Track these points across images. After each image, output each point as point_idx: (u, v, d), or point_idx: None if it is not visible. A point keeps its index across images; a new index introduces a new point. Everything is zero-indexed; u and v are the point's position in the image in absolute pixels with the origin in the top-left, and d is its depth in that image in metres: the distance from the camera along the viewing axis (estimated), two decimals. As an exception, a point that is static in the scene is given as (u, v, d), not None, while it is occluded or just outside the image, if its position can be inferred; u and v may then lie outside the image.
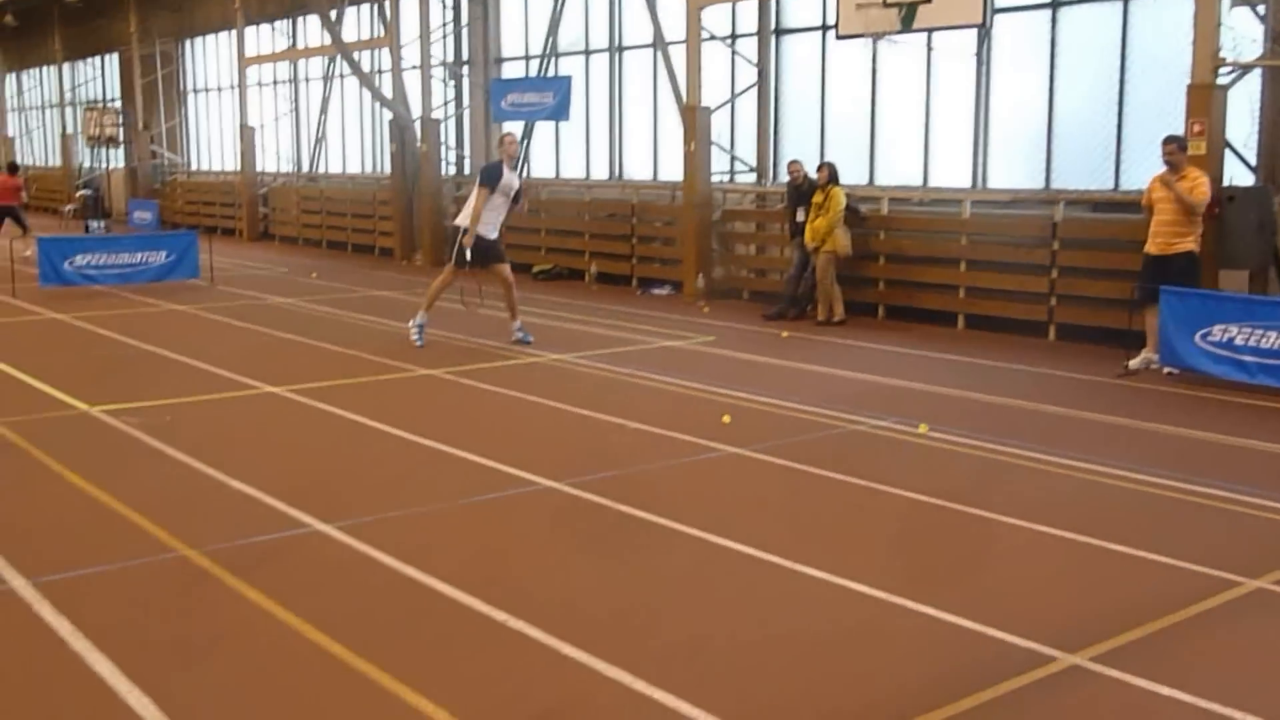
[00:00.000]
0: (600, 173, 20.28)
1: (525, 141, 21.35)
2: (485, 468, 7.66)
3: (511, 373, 11.10)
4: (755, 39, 17.10)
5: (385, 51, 23.05)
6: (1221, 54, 11.31)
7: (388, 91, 22.49)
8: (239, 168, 28.26)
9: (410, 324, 12.40)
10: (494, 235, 12.31)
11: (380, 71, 24.24)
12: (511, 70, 21.92)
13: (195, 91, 32.80)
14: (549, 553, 6.15)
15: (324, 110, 26.95)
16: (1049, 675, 4.63)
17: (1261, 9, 11.44)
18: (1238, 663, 4.82)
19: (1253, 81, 11.69)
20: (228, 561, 5.83)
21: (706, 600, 5.48)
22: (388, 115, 22.67)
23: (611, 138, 19.99)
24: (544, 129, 21.07)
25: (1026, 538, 6.40)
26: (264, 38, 28.40)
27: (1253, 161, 11.79)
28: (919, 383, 10.66)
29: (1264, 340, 10.10)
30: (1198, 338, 10.50)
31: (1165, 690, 4.48)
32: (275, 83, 28.91)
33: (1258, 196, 11.32)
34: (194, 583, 5.61)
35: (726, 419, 9.01)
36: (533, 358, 11.80)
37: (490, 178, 12.08)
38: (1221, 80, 11.39)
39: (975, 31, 13.85)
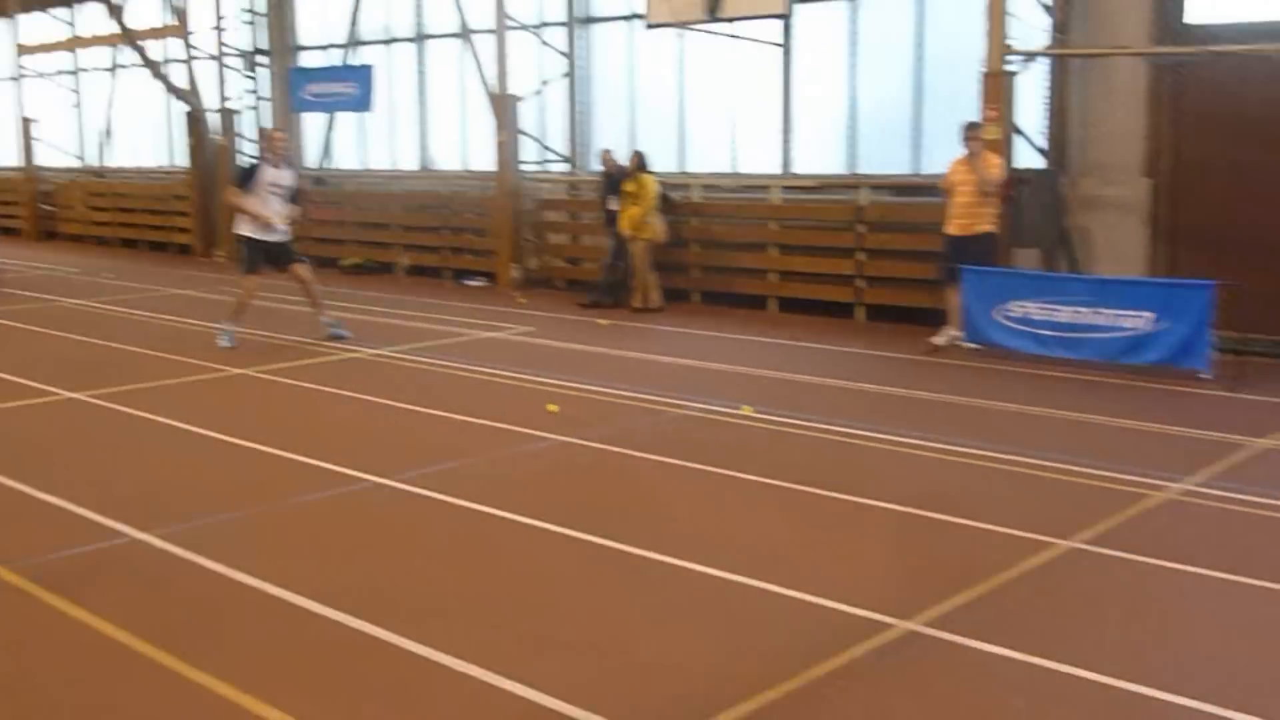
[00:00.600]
0: (408, 163, 19.95)
1: (328, 133, 20.84)
2: (310, 467, 7.46)
3: (329, 369, 10.83)
4: (563, 28, 17.08)
5: (176, 40, 22.10)
6: (1012, 43, 11.85)
7: (180, 82, 21.59)
8: (19, 163, 26.69)
9: (216, 327, 11.98)
10: (280, 236, 12.00)
11: (171, 61, 23.26)
12: (311, 60, 21.34)
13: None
14: (384, 550, 6.03)
15: (110, 102, 25.69)
16: (888, 642, 4.78)
17: (1048, 1, 12.03)
18: (1058, 618, 5.08)
19: (1041, 70, 12.28)
20: (44, 578, 5.51)
21: (549, 588, 5.47)
22: (183, 107, 21.77)
23: (419, 128, 19.68)
24: (349, 119, 20.59)
25: (853, 511, 6.60)
26: (42, 25, 26.87)
27: (1042, 146, 12.40)
28: (738, 365, 10.87)
29: (1057, 315, 10.66)
30: (997, 314, 11.01)
31: (995, 649, 4.69)
32: (56, 73, 27.40)
33: (1048, 179, 11.93)
34: (10, 603, 5.29)
35: (553, 408, 9.00)
36: (350, 353, 11.54)
37: (242, 178, 11.85)
38: (1012, 68, 11.95)
39: (780, 21, 14.14)
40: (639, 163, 14.26)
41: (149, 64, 21.95)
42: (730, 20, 13.78)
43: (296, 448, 7.84)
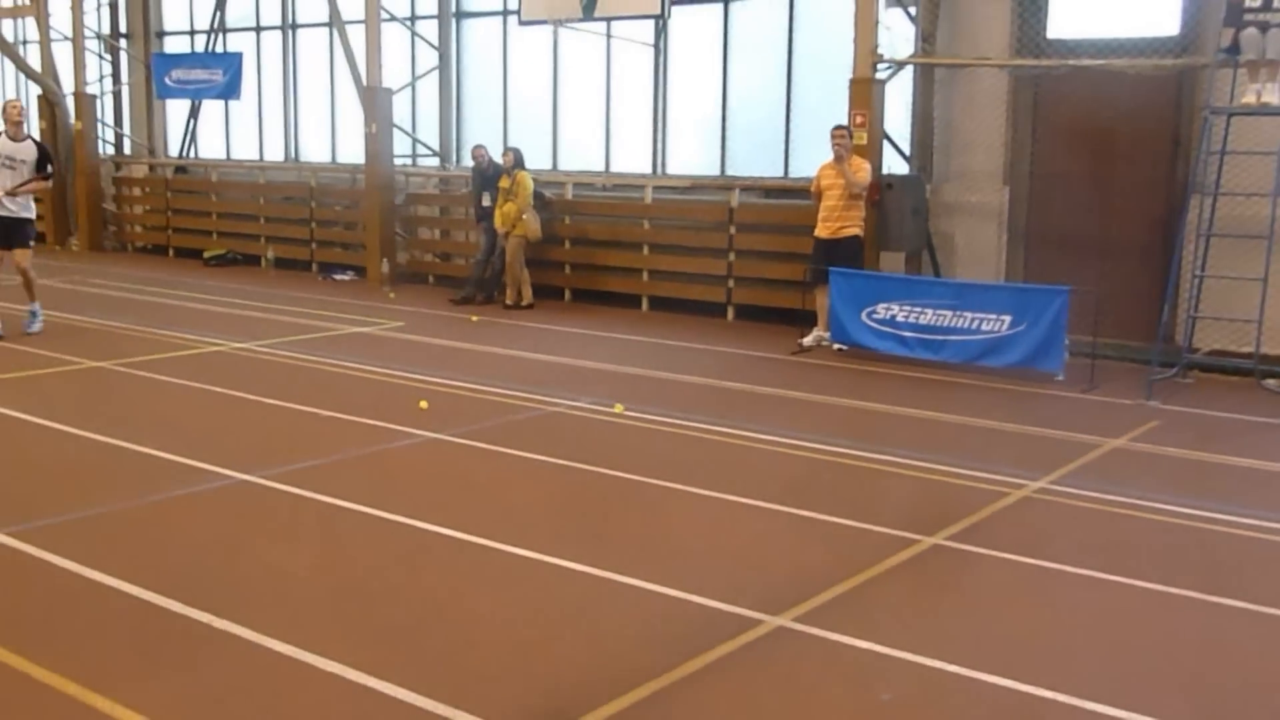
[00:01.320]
0: (275, 154, 19.51)
1: (192, 120, 20.28)
2: (170, 463, 7.25)
3: (191, 362, 10.53)
4: (436, 21, 16.91)
5: (31, 21, 21.26)
6: (879, 51, 12.11)
7: (35, 64, 20.76)
8: None
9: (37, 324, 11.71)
10: (11, 211, 11.46)
11: (26, 42, 22.36)
12: (175, 45, 20.73)
13: None
14: (247, 547, 5.89)
15: (-42, 82, 24.59)
16: (758, 638, 4.85)
17: (913, 10, 12.34)
18: (924, 613, 5.21)
19: (906, 77, 12.58)
20: (-120, 577, 5.26)
21: (416, 585, 5.41)
22: (36, 90, 20.93)
23: (286, 118, 19.27)
24: (213, 108, 20.05)
25: (723, 508, 6.67)
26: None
27: (908, 152, 12.71)
28: (609, 364, 10.89)
29: (921, 317, 10.94)
30: (864, 316, 11.24)
31: (862, 644, 4.79)
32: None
33: (913, 184, 12.22)
34: None
35: (423, 404, 8.90)
36: (214, 346, 11.24)
37: None
38: (880, 75, 12.21)
39: (654, 21, 14.22)
40: (515, 159, 14.19)
41: (2, 45, 21.04)
42: (605, 19, 13.80)
43: (156, 443, 7.61)
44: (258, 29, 19.36)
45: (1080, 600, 5.43)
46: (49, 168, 11.73)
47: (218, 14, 19.56)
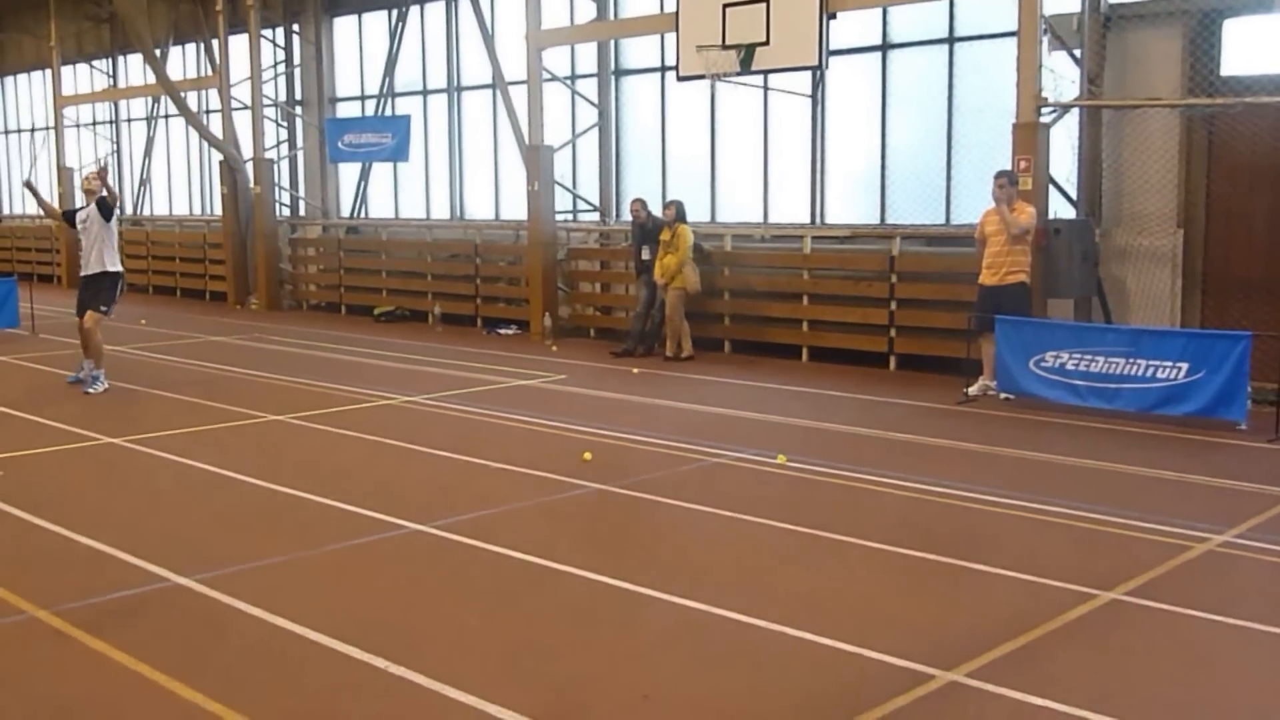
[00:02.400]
0: (441, 212, 20.14)
1: (363, 182, 21.08)
2: (348, 513, 7.49)
3: (364, 416, 10.89)
4: (595, 79, 17.27)
5: (213, 91, 22.48)
6: (1043, 94, 11.90)
7: (217, 132, 21.92)
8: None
9: (81, 374, 12.37)
10: (93, 269, 12.39)
11: (209, 111, 23.63)
12: (347, 110, 21.63)
13: (7, 133, 31.37)
14: (424, 596, 6.04)
15: (148, 151, 26.10)
16: (929, 693, 4.75)
17: (1078, 52, 12.10)
18: (1101, 671, 5.03)
19: (1072, 121, 12.32)
20: (84, 621, 5.55)
21: (587, 637, 5.46)
22: (218, 156, 22.09)
23: (451, 177, 19.88)
24: (382, 169, 20.83)
25: (891, 561, 6.57)
26: (82, 76, 27.41)
27: (1074, 196, 12.42)
28: (771, 414, 10.86)
29: (1092, 365, 10.62)
30: (1032, 364, 10.98)
31: (1039, 701, 4.65)
32: (95, 123, 27.87)
33: (1081, 229, 11.92)
34: (51, 645, 5.33)
35: (587, 456, 9.01)
36: (384, 400, 11.61)
37: (110, 216, 12.22)
38: (1044, 119, 11.99)
39: (810, 72, 14.26)
40: (676, 213, 14.35)
41: (187, 114, 22.29)
42: (763, 72, 13.90)
43: (332, 494, 7.88)
44: (424, 92, 20.07)
45: (1269, 660, 5.17)
46: (114, 210, 12.37)
47: (387, 79, 20.36)
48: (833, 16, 13.17)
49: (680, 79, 14.65)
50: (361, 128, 20.11)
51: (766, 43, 13.41)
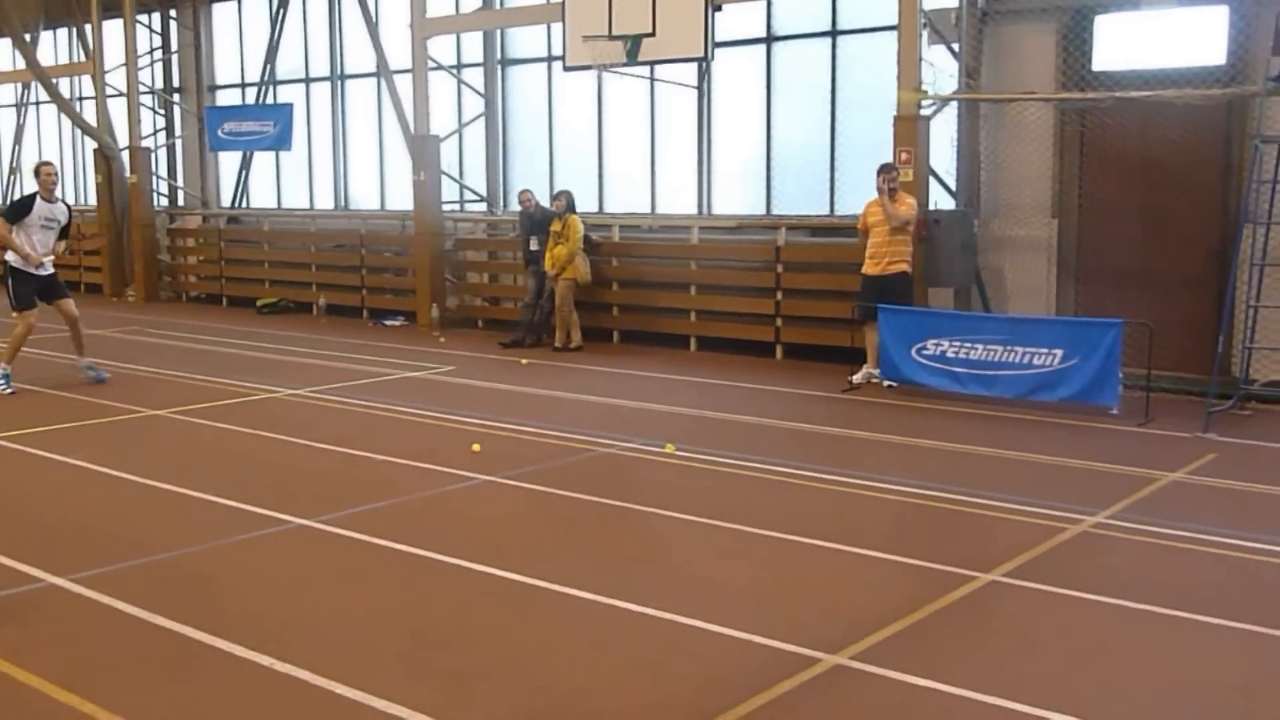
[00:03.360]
0: (325, 202, 19.81)
1: (244, 171, 20.65)
2: (231, 509, 7.34)
3: (247, 409, 10.68)
4: (482, 68, 17.15)
5: (87, 78, 21.78)
6: (922, 87, 12.14)
7: (91, 119, 21.25)
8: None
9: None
10: (49, 271, 11.90)
11: (82, 98, 22.91)
12: (227, 98, 21.15)
13: None
14: (310, 592, 5.95)
15: (18, 139, 25.20)
16: (816, 676, 4.83)
17: (956, 46, 12.36)
18: (982, 650, 5.17)
19: (951, 113, 12.59)
20: (-48, 625, 5.36)
21: (474, 628, 5.43)
22: (92, 144, 21.41)
23: (336, 167, 19.57)
24: (264, 158, 20.41)
25: (778, 547, 6.66)
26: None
27: (954, 187, 12.69)
28: (660, 404, 10.92)
29: (972, 352, 10.89)
30: (914, 352, 11.21)
31: (924, 682, 4.76)
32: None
33: (960, 219, 12.20)
34: (-86, 650, 5.13)
35: (476, 447, 8.96)
36: (268, 393, 11.39)
37: (13, 213, 11.66)
38: (923, 112, 12.23)
39: (697, 63, 14.34)
40: (567, 203, 14.32)
41: (60, 101, 21.58)
42: (649, 63, 13.94)
43: (214, 489, 7.72)
44: (307, 80, 19.72)
45: (1139, 637, 5.37)
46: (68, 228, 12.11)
47: (268, 67, 19.95)
48: (718, 8, 13.26)
49: (567, 69, 14.59)
50: (242, 116, 19.67)
51: (653, 34, 13.44)
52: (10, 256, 11.65)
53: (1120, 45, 11.82)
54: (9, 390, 11.36)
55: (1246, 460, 8.72)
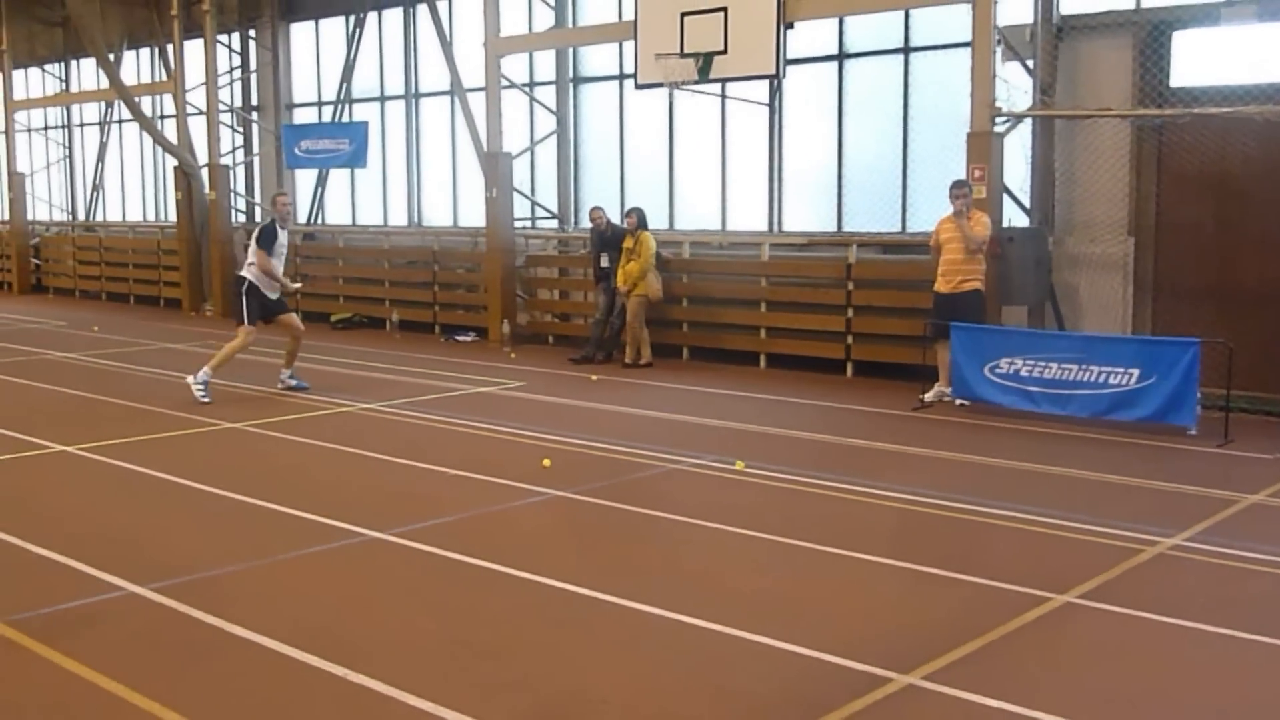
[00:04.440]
0: (399, 219, 20.08)
1: (320, 189, 20.99)
2: (305, 520, 7.46)
3: (321, 423, 10.84)
4: (554, 86, 17.30)
5: (168, 96, 22.30)
6: (997, 104, 12.04)
7: (172, 137, 21.74)
8: (7, 216, 26.78)
9: (192, 380, 11.92)
10: (276, 294, 12.34)
11: (163, 116, 23.44)
12: (304, 116, 21.53)
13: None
14: (382, 604, 6.03)
15: (101, 157, 25.85)
16: (887, 695, 4.80)
17: (1031, 62, 12.26)
18: (1055, 672, 5.10)
19: (1025, 130, 12.48)
20: (37, 631, 5.50)
21: (544, 641, 5.47)
22: (172, 162, 21.90)
23: (410, 184, 19.83)
24: (339, 175, 20.74)
25: (847, 565, 6.63)
26: (33, 80, 27.12)
27: (1028, 204, 12.57)
28: (730, 421, 10.91)
29: (1046, 371, 10.76)
30: (986, 370, 11.10)
31: (995, 703, 4.71)
32: (46, 128, 27.58)
33: (1034, 237, 12.08)
34: (2, 655, 5.27)
35: (547, 462, 9.02)
36: (342, 407, 11.55)
37: (266, 241, 12.10)
38: (997, 129, 12.13)
39: (768, 81, 14.35)
40: (638, 220, 14.39)
41: (141, 119, 22.10)
42: (721, 80, 13.97)
43: (290, 502, 7.85)
44: (382, 99, 20.03)
45: (1215, 660, 5.27)
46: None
47: (344, 85, 20.28)
48: (790, 26, 13.27)
49: (638, 87, 14.70)
50: (319, 134, 20.00)
51: (724, 51, 13.49)
52: (252, 274, 12.13)
53: (1199, 61, 11.65)
54: (206, 399, 11.67)
55: (1330, 483, 8.53)
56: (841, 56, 14.41)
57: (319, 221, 21.24)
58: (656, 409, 11.53)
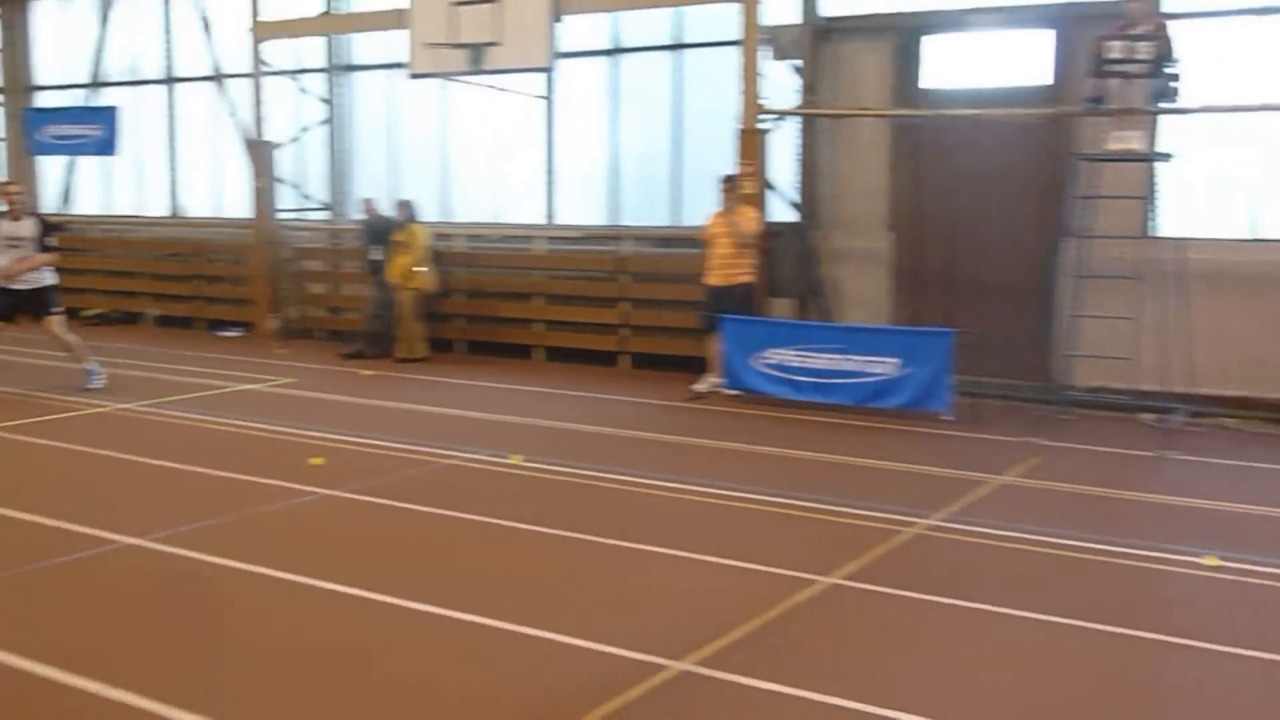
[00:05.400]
0: (157, 209, 19.15)
1: (69, 177, 19.82)
2: (54, 529, 7.03)
3: (74, 425, 10.25)
4: (324, 74, 16.82)
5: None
6: (764, 101, 12.37)
7: (-99, 119, 20.15)
8: None
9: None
10: (25, 285, 11.65)
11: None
12: (50, 100, 20.27)
13: None
14: (136, 613, 5.74)
15: None
16: (661, 683, 4.87)
17: (798, 62, 12.64)
18: (823, 652, 5.27)
19: (795, 127, 12.85)
20: None
21: (316, 644, 5.31)
22: (-98, 146, 20.30)
23: (169, 172, 18.94)
24: (91, 163, 19.62)
25: (621, 555, 6.69)
26: None
27: (796, 200, 12.97)
28: (505, 415, 10.87)
29: (811, 361, 11.14)
30: (756, 361, 11.41)
31: (765, 684, 4.84)
32: None
33: (800, 231, 12.48)
34: None
35: (318, 461, 8.78)
36: (96, 408, 10.95)
37: None
38: (764, 126, 12.46)
39: (543, 74, 14.33)
40: (409, 213, 14.15)
41: None
42: (494, 72, 13.88)
43: (39, 509, 7.38)
44: (137, 83, 19.03)
45: (974, 634, 5.56)
46: (53, 239, 11.82)
47: (95, 68, 19.19)
48: (558, 19, 13.27)
49: (412, 76, 14.45)
50: (66, 119, 18.84)
51: (497, 43, 13.40)
52: None
53: (949, 65, 12.29)
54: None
55: (1071, 462, 9.12)
56: (616, 51, 14.53)
57: (69, 212, 20.04)
58: (431, 404, 11.37)
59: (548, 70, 13.71)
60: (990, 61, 12.07)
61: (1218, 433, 10.38)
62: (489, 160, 15.57)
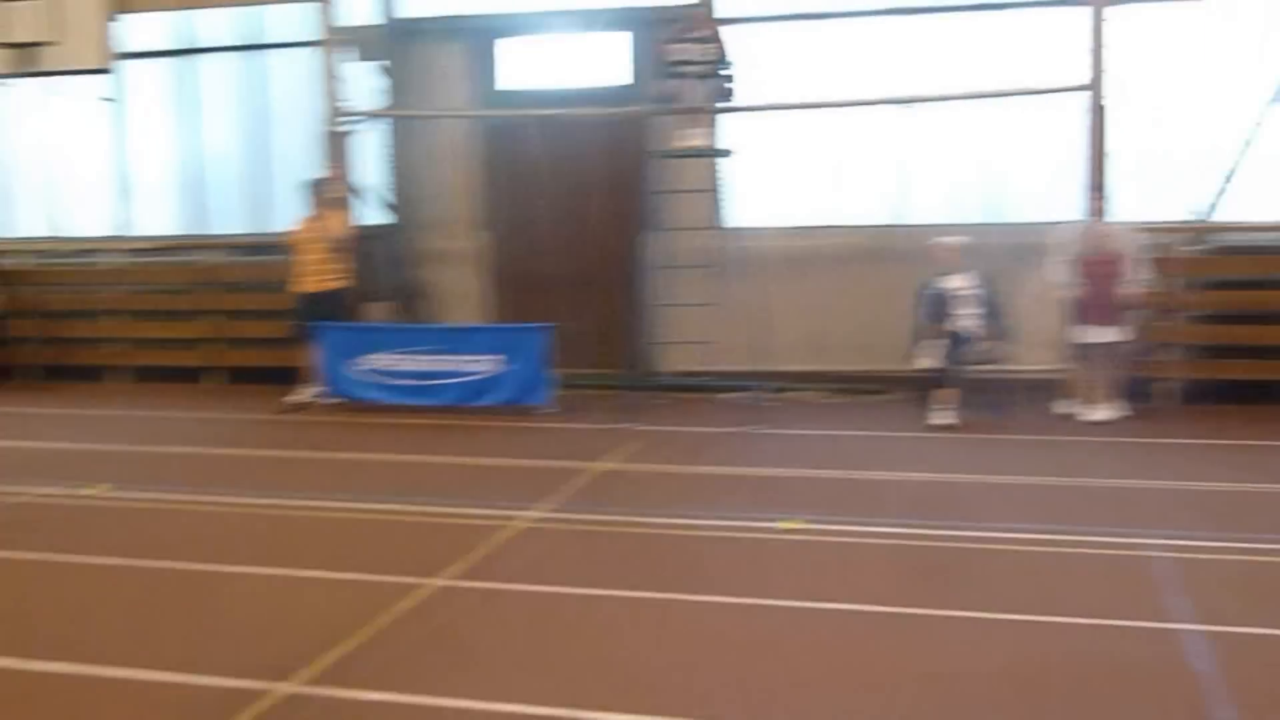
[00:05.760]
0: None
1: None
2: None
3: None
4: None
5: None
6: (346, 103, 12.19)
7: None
8: None
9: None
10: None
11: None
12: None
13: None
14: None
15: None
16: (268, 707, 4.71)
17: (380, 64, 12.54)
18: (439, 655, 5.24)
19: (386, 129, 12.75)
20: None
21: None
22: None
23: None
24: None
25: (214, 580, 6.40)
26: None
27: (390, 202, 12.88)
28: (87, 443, 10.14)
29: (411, 364, 11.15)
30: (353, 367, 11.28)
31: (381, 695, 4.76)
32: None
33: (394, 233, 12.42)
34: None
35: None
36: None
37: None
38: (348, 128, 12.28)
39: (107, 76, 13.43)
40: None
41: None
42: (48, 75, 12.85)
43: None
44: None
45: (590, 620, 5.71)
46: None
47: None
48: (113, 18, 12.46)
49: (-53, 78, 13.12)
50: None
51: (54, 42, 12.41)
52: None
53: (528, 67, 12.62)
54: None
55: (664, 445, 9.63)
56: (189, 51, 13.83)
57: None
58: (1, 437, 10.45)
59: (107, 71, 12.85)
60: (572, 63, 12.49)
61: (794, 405, 11.27)
62: (52, 170, 14.42)
